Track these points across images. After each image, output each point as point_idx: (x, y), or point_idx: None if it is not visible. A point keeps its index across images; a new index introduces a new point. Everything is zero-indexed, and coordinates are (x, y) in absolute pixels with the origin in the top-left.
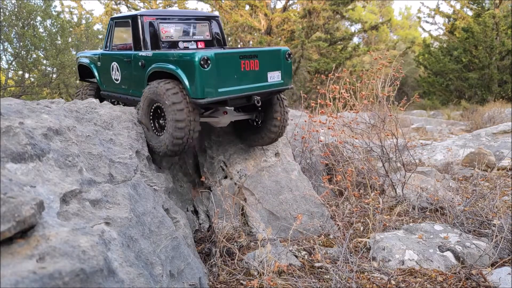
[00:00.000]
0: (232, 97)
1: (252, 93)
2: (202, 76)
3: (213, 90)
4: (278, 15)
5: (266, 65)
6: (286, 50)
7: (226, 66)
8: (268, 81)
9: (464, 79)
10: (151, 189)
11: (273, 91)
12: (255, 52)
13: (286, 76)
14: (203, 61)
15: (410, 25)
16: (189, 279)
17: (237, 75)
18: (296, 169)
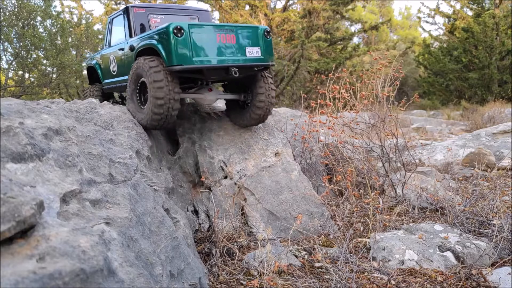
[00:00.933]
0: (208, 67)
1: (229, 65)
2: (176, 44)
3: (187, 58)
4: (278, 15)
5: (243, 40)
6: (265, 28)
7: (201, 37)
8: (246, 55)
9: (464, 79)
10: (151, 189)
11: (253, 66)
12: (231, 27)
13: (266, 53)
14: (176, 29)
15: (410, 25)
16: (189, 279)
17: (213, 46)
18: (296, 169)
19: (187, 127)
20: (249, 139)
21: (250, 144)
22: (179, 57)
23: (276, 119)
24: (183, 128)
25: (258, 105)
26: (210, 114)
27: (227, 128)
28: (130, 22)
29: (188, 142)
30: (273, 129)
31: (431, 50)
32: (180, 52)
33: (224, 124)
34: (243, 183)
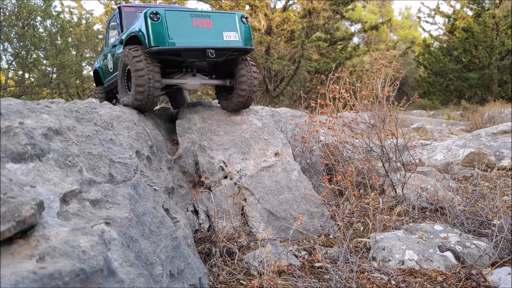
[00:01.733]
0: (184, 48)
1: (205, 47)
2: (153, 27)
3: (163, 40)
4: (278, 15)
5: (220, 25)
6: (242, 14)
7: (177, 21)
8: (224, 39)
9: (464, 79)
10: (151, 189)
11: (230, 48)
12: (207, 12)
13: (244, 37)
14: (152, 14)
15: (410, 25)
16: (189, 279)
17: (189, 30)
18: (296, 169)
19: (187, 127)
20: (249, 139)
21: (250, 144)
22: (156, 39)
23: (276, 119)
24: (183, 128)
25: (240, 92)
26: (211, 115)
27: (227, 128)
28: (122, 20)
29: (188, 142)
30: (273, 129)
31: (431, 50)
32: (157, 34)
33: (224, 124)
34: (243, 183)
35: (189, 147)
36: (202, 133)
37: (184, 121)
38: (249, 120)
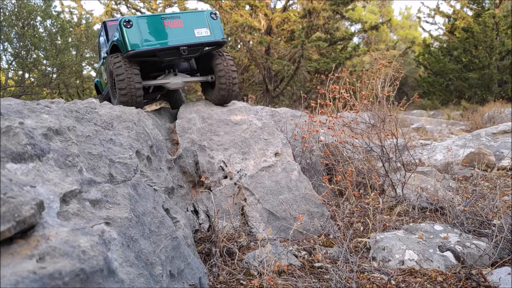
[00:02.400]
0: (159, 49)
1: (178, 45)
2: (127, 34)
3: (138, 43)
4: (278, 15)
5: (190, 24)
6: (211, 11)
7: (149, 25)
8: (195, 36)
9: (464, 79)
10: (151, 189)
11: (203, 43)
12: (177, 14)
13: (215, 31)
14: (125, 22)
15: (410, 25)
16: (189, 279)
17: (162, 32)
18: (296, 169)
19: (187, 127)
20: (249, 139)
21: (250, 144)
22: (131, 44)
23: (276, 119)
24: (183, 128)
25: (221, 86)
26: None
27: (227, 128)
28: (107, 33)
29: (188, 142)
30: (273, 129)
31: (431, 50)
32: (132, 39)
33: (224, 124)
34: (243, 183)
35: (189, 147)
36: (202, 133)
37: (184, 121)
38: (249, 120)
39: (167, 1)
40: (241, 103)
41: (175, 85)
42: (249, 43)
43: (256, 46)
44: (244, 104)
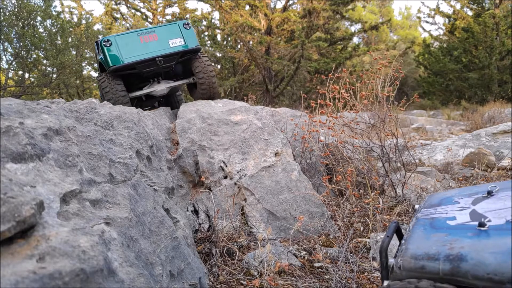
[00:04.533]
0: (137, 62)
1: (154, 56)
2: (108, 52)
3: (118, 59)
4: (278, 15)
5: (165, 36)
6: (183, 21)
7: (126, 42)
8: (170, 46)
9: (464, 79)
10: (151, 189)
11: (177, 52)
12: (151, 28)
13: (188, 40)
14: (105, 42)
15: (410, 25)
16: (189, 279)
17: (138, 46)
18: (296, 169)
19: (187, 127)
20: (249, 139)
21: (250, 144)
22: (112, 60)
23: (276, 119)
24: (183, 128)
25: (201, 86)
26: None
27: (227, 128)
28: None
29: (188, 142)
30: (273, 129)
31: (431, 50)
32: (112, 56)
33: (224, 124)
34: (243, 183)
35: (189, 147)
36: (202, 133)
37: (184, 121)
38: (249, 120)
39: (167, 1)
40: (241, 103)
41: (160, 91)
42: (249, 43)
43: (256, 46)
44: (244, 104)
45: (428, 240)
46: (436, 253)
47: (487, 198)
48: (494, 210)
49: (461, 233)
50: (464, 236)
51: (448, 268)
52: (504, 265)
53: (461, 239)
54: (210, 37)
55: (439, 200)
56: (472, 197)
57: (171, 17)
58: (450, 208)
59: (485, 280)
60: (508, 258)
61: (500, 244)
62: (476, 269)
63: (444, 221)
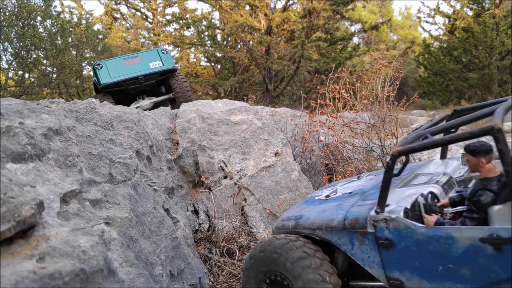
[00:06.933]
0: (123, 80)
1: (137, 75)
2: (99, 73)
3: (106, 77)
4: (278, 15)
5: (146, 59)
6: (161, 48)
7: (114, 65)
8: (150, 67)
9: (464, 79)
10: (151, 189)
11: (156, 72)
12: (135, 54)
13: (166, 62)
14: (97, 65)
15: (410, 25)
16: (189, 279)
17: (124, 68)
18: (296, 169)
19: (187, 127)
20: (249, 139)
21: (250, 144)
22: (103, 79)
23: (276, 119)
24: (183, 128)
25: (178, 99)
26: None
27: (227, 128)
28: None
29: (188, 142)
30: (273, 129)
31: (431, 50)
32: (102, 76)
33: (224, 124)
34: (243, 183)
35: (189, 147)
36: (202, 133)
37: (184, 121)
38: (249, 120)
39: (167, 1)
40: (241, 103)
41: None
42: (249, 43)
43: (256, 46)
44: (244, 104)
45: (295, 209)
46: (291, 216)
47: (353, 181)
48: (346, 188)
49: (313, 203)
50: (312, 204)
51: (293, 224)
52: (316, 219)
53: (309, 206)
54: (210, 37)
55: (330, 184)
56: (347, 181)
57: (171, 17)
58: (328, 188)
59: (307, 229)
60: (320, 215)
61: (321, 207)
62: (305, 222)
63: (314, 197)
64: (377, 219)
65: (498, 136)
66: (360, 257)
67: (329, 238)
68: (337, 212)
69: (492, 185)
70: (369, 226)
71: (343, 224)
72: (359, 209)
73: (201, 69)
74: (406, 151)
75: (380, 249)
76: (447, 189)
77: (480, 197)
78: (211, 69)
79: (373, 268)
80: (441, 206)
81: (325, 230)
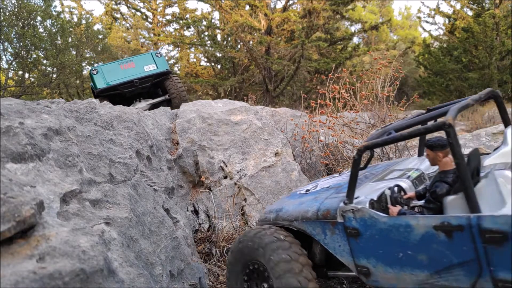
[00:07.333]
0: (118, 84)
1: (132, 79)
2: (96, 78)
3: (103, 83)
4: (278, 15)
5: (141, 63)
6: (155, 52)
7: (110, 70)
8: (145, 71)
9: (464, 79)
10: (151, 189)
11: (151, 75)
12: (130, 58)
13: (160, 65)
14: (93, 71)
15: (410, 25)
16: (189, 279)
17: (119, 72)
18: (296, 169)
19: (187, 127)
20: (249, 139)
21: (250, 144)
22: (98, 83)
23: (276, 119)
24: (183, 128)
25: (174, 100)
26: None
27: (227, 128)
28: None
29: (188, 142)
30: (273, 129)
31: (431, 50)
32: (98, 81)
33: (224, 124)
34: (243, 183)
35: (189, 147)
36: (202, 133)
37: (184, 121)
38: (249, 120)
39: (167, 1)
40: (241, 103)
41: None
42: (249, 43)
43: (256, 46)
44: (244, 104)
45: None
46: (273, 209)
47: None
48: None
49: (294, 197)
50: (293, 198)
51: (274, 216)
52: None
53: (290, 200)
54: (210, 37)
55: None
56: (330, 177)
57: (171, 17)
58: (311, 184)
59: (286, 220)
60: (297, 207)
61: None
62: (284, 214)
63: (297, 192)
64: (345, 209)
65: (449, 131)
66: (332, 246)
67: (304, 229)
68: (312, 204)
69: (448, 177)
70: (338, 217)
71: (317, 215)
72: (331, 201)
73: (201, 69)
74: (370, 146)
75: (348, 238)
76: (417, 183)
77: (436, 188)
78: (211, 69)
79: (343, 256)
80: (408, 198)
81: (301, 221)
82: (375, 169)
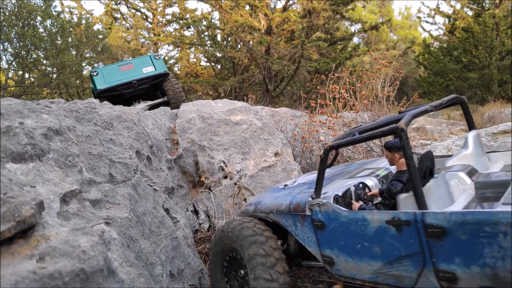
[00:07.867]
0: (118, 85)
1: (130, 80)
2: (96, 79)
3: (102, 84)
4: (278, 15)
5: (139, 65)
6: (154, 54)
7: (109, 72)
8: (143, 72)
9: (464, 79)
10: (151, 189)
11: (149, 76)
12: (129, 60)
13: (158, 67)
14: (93, 72)
15: (410, 25)
16: (189, 279)
17: (118, 74)
18: (296, 169)
19: (187, 127)
20: (249, 139)
21: (250, 144)
22: (98, 84)
23: (276, 119)
24: (183, 128)
25: (172, 101)
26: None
27: (227, 128)
28: None
29: (188, 142)
30: (273, 129)
31: (431, 50)
32: (98, 82)
33: (224, 124)
34: (243, 183)
35: (189, 147)
36: (202, 133)
37: (184, 121)
38: (249, 120)
39: (167, 1)
40: (241, 103)
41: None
42: (249, 43)
43: (256, 46)
44: (244, 104)
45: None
46: (253, 202)
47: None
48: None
49: (273, 191)
50: (272, 192)
51: (253, 208)
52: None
53: (269, 194)
54: (210, 37)
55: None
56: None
57: (171, 17)
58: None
59: (263, 212)
60: (273, 201)
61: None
62: (261, 207)
63: (277, 187)
64: (312, 203)
65: (401, 135)
66: (302, 237)
67: (278, 221)
68: (286, 198)
69: (403, 177)
70: (307, 210)
71: (289, 208)
72: (302, 195)
73: (201, 69)
74: (335, 146)
75: (315, 230)
76: (384, 181)
77: (391, 186)
78: (211, 69)
79: (311, 247)
80: (372, 195)
81: (275, 213)
82: (350, 167)
